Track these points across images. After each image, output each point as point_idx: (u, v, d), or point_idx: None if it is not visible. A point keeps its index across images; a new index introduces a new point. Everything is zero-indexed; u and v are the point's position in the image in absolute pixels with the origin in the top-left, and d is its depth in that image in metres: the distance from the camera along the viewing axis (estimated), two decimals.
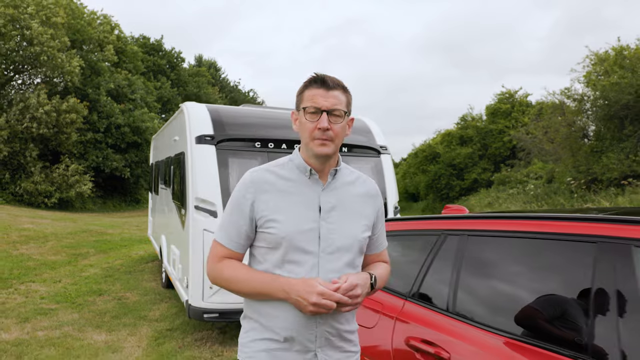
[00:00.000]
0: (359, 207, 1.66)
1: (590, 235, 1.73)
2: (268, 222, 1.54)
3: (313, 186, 1.59)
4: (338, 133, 1.54)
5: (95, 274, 7.93)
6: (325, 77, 1.56)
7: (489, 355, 1.84)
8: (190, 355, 4.37)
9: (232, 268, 1.57)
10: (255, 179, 1.59)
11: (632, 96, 14.84)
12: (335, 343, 1.58)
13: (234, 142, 4.88)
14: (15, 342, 4.61)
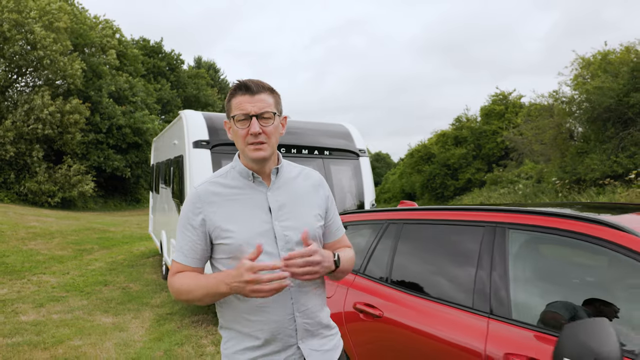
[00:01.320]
0: (307, 199, 1.68)
1: (480, 221, 2.35)
2: (223, 233, 1.54)
3: (259, 188, 1.61)
4: (271, 134, 1.56)
5: (100, 267, 8.53)
6: (249, 83, 1.57)
7: (411, 311, 2.44)
8: (188, 334, 4.98)
9: (180, 278, 1.56)
10: (201, 193, 1.59)
11: (613, 99, 15.44)
12: (315, 332, 1.62)
13: (227, 146, 5.48)
14: (34, 322, 5.23)
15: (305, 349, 1.59)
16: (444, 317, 2.26)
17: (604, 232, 1.86)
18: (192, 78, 36.72)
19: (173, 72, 35.67)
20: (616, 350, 1.29)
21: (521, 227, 2.18)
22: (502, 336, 1.99)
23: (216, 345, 4.65)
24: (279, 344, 1.56)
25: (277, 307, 1.55)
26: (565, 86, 19.59)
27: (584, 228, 1.93)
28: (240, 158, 1.65)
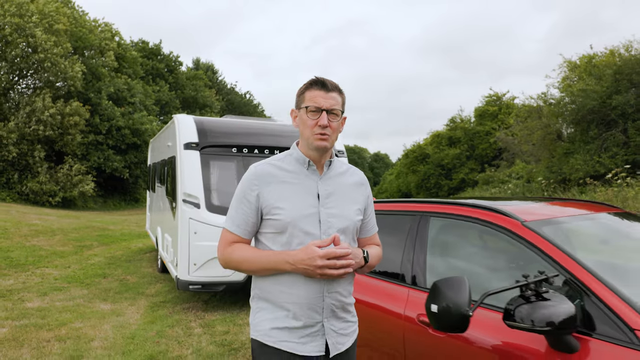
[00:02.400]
0: (351, 193, 1.85)
1: (411, 211, 2.86)
2: (274, 210, 1.72)
3: (311, 176, 1.79)
4: (335, 129, 1.75)
5: (100, 262, 9.04)
6: (325, 80, 1.77)
7: (357, 286, 2.95)
8: (178, 318, 5.49)
9: (241, 250, 1.75)
10: (259, 172, 1.77)
11: (596, 102, 15.93)
12: (339, 314, 1.77)
13: (215, 148, 6.00)
14: (38, 309, 5.74)
15: (327, 327, 1.74)
16: (381, 289, 2.77)
17: (492, 216, 2.37)
18: (191, 79, 37.22)
19: (171, 73, 36.17)
20: (465, 299, 1.79)
21: (440, 215, 2.69)
22: (417, 302, 2.50)
23: (203, 327, 5.17)
24: (306, 318, 1.71)
25: (311, 284, 1.70)
26: (553, 88, 20.15)
27: (480, 214, 2.45)
28: (298, 146, 1.82)
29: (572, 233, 2.33)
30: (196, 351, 4.41)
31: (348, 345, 1.81)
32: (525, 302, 1.81)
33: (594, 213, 2.63)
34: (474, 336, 2.15)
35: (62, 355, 4.26)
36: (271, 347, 1.72)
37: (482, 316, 2.14)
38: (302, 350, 1.71)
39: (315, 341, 1.73)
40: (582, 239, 2.32)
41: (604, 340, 1.79)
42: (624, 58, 16.93)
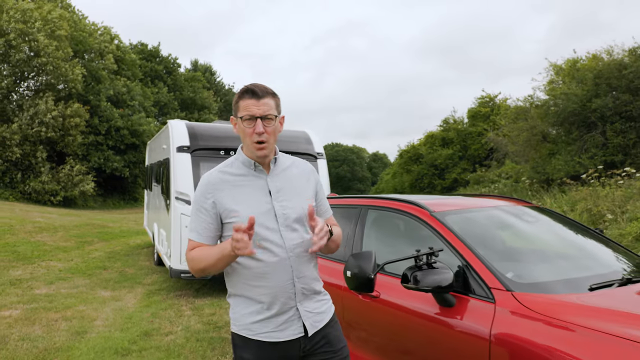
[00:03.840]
0: (299, 184, 1.98)
1: (355, 205, 3.53)
2: (231, 213, 1.82)
3: (260, 176, 1.90)
4: (271, 133, 1.84)
5: (100, 256, 9.69)
6: (255, 88, 1.83)
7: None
8: (171, 303, 6.15)
9: (198, 252, 1.83)
10: (211, 180, 1.88)
11: (577, 105, 16.59)
12: (310, 296, 1.91)
13: (204, 151, 6.66)
14: (46, 295, 6.40)
15: (302, 310, 1.86)
16: (328, 267, 3.43)
17: (410, 208, 3.03)
18: (189, 81, 37.86)
19: (170, 75, 36.81)
20: (370, 266, 2.44)
21: (375, 207, 3.35)
22: None
23: (193, 310, 5.82)
24: (280, 306, 1.83)
25: (279, 273, 1.81)
26: (539, 91, 20.78)
27: (400, 206, 3.11)
28: (243, 150, 1.94)
29: (468, 220, 2.99)
30: (185, 328, 5.07)
31: (325, 321, 1.95)
32: (418, 270, 2.46)
33: (492, 207, 3.29)
34: (386, 297, 2.82)
35: (69, 331, 4.92)
36: (253, 340, 1.84)
37: (391, 282, 2.80)
38: (282, 337, 1.84)
39: (293, 325, 1.85)
40: (473, 225, 2.98)
41: (473, 297, 2.45)
42: (604, 62, 17.59)
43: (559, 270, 2.74)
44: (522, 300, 2.26)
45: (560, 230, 3.32)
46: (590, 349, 1.91)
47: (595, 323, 2.01)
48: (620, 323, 2.00)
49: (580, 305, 2.20)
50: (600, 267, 2.79)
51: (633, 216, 10.11)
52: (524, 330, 2.14)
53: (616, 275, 2.63)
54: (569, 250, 3.10)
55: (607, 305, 2.19)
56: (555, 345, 2.00)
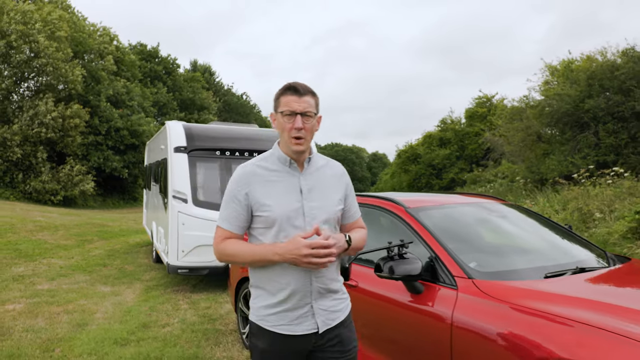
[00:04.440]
0: (331, 185, 2.01)
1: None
2: (262, 207, 1.87)
3: (293, 173, 1.94)
4: (309, 130, 1.89)
5: (100, 254, 9.94)
6: (297, 85, 1.90)
7: None
8: (169, 297, 6.39)
9: (233, 244, 1.89)
10: (246, 172, 1.93)
11: (570, 105, 16.83)
12: (326, 295, 1.95)
13: (201, 151, 6.90)
14: (48, 290, 6.64)
15: (316, 308, 1.92)
16: None
17: (387, 204, 3.28)
18: (188, 81, 38.10)
19: (169, 76, 37.05)
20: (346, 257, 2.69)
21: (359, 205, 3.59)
22: None
23: (189, 304, 6.07)
24: (295, 302, 1.89)
25: (298, 271, 1.86)
26: (535, 92, 21.03)
27: (381, 203, 3.36)
28: (279, 146, 1.98)
29: (440, 216, 3.24)
30: (181, 321, 5.32)
31: (339, 320, 1.99)
32: (390, 260, 2.70)
33: (465, 204, 3.54)
34: (364, 286, 3.07)
35: (71, 323, 5.16)
36: (268, 330, 1.91)
37: (368, 273, 3.05)
38: (296, 331, 1.90)
39: (307, 321, 1.91)
40: (445, 220, 3.22)
41: (440, 285, 2.69)
42: (598, 63, 17.82)
43: (520, 260, 2.98)
44: (480, 286, 2.51)
45: (528, 225, 3.57)
46: (531, 326, 2.16)
47: (539, 305, 2.26)
48: (561, 305, 2.25)
49: (530, 290, 2.44)
50: (560, 259, 3.04)
51: (620, 215, 10.35)
52: (479, 312, 2.38)
53: (572, 265, 2.88)
54: (533, 243, 3.35)
55: (554, 291, 2.44)
56: (502, 323, 2.26)
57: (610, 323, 2.04)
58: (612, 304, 2.26)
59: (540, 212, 14.98)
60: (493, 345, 2.25)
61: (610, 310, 2.18)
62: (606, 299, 2.34)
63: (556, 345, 2.05)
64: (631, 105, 15.40)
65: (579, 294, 2.40)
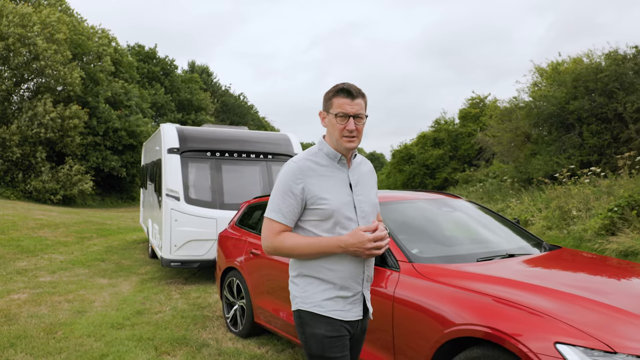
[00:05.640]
0: (369, 180, 2.18)
1: None
2: (319, 200, 1.95)
3: (342, 168, 2.05)
4: (360, 131, 2.00)
5: (99, 250, 10.40)
6: (350, 88, 1.97)
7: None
8: (162, 288, 6.86)
9: (292, 238, 1.96)
10: (302, 167, 1.99)
11: (555, 107, 17.34)
12: (369, 282, 2.11)
13: (193, 152, 7.38)
14: (50, 282, 7.11)
15: (366, 294, 2.08)
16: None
17: None
18: (186, 82, 38.55)
19: (167, 77, 37.51)
20: None
21: None
22: None
23: (181, 294, 6.54)
24: (350, 289, 2.01)
25: (355, 261, 2.00)
26: (523, 93, 21.56)
27: None
28: (327, 142, 2.07)
29: (396, 210, 3.71)
30: (173, 308, 5.79)
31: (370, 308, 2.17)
32: None
33: (420, 199, 4.02)
34: None
35: (71, 310, 5.64)
36: (323, 316, 1.98)
37: None
38: (347, 316, 2.02)
39: (356, 307, 2.04)
40: (399, 213, 3.69)
41: (387, 268, 3.17)
42: (583, 66, 18.32)
43: (459, 248, 3.47)
44: (418, 269, 2.99)
45: (475, 218, 4.05)
46: (451, 298, 2.64)
47: (461, 282, 2.74)
48: (479, 282, 2.73)
49: (458, 271, 2.93)
50: (495, 246, 3.52)
51: (596, 213, 10.84)
52: (413, 288, 2.87)
53: (504, 252, 3.36)
54: (475, 233, 3.83)
55: (478, 272, 2.92)
56: (430, 297, 2.74)
57: (513, 296, 2.52)
58: (521, 281, 2.74)
59: (524, 210, 15.52)
60: (422, 314, 2.73)
61: (518, 286, 2.66)
62: (518, 278, 2.82)
63: (471, 313, 2.53)
64: (614, 107, 15.90)
65: (498, 274, 2.88)
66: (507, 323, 2.35)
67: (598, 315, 2.34)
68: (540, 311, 2.35)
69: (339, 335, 1.99)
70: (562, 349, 2.15)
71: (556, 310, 2.35)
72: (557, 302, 2.45)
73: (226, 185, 7.27)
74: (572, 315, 2.31)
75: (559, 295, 2.53)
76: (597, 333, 2.18)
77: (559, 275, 3.00)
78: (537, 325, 2.29)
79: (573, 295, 2.52)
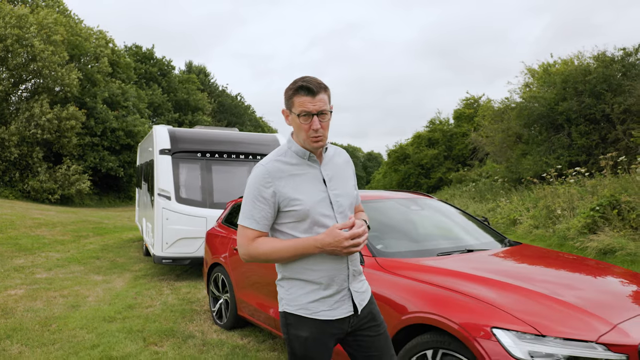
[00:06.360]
0: (345, 172, 2.10)
1: None
2: (292, 202, 1.89)
3: (313, 165, 1.98)
4: (326, 127, 1.92)
5: (95, 248, 10.66)
6: (310, 85, 1.86)
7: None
8: (154, 284, 7.13)
9: (267, 243, 1.91)
10: (270, 170, 1.92)
11: (545, 108, 17.63)
12: (356, 277, 2.05)
13: (183, 153, 7.65)
14: (46, 278, 7.38)
15: (352, 290, 2.01)
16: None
17: None
18: (183, 83, 38.78)
19: (164, 77, 37.74)
20: None
21: None
22: None
23: (172, 290, 6.80)
24: (336, 287, 1.96)
25: (336, 258, 1.93)
26: (515, 94, 21.82)
27: None
28: (295, 140, 1.99)
29: (367, 208, 3.97)
30: (163, 303, 6.06)
31: (367, 299, 2.11)
32: None
33: (392, 198, 4.29)
34: None
35: (65, 305, 5.90)
36: (309, 319, 1.96)
37: None
38: (335, 315, 1.98)
39: (345, 304, 1.99)
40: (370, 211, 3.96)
41: None
42: (573, 67, 18.61)
43: (422, 243, 3.74)
44: (379, 262, 3.26)
45: (444, 217, 4.32)
46: (406, 289, 2.92)
47: (417, 275, 3.02)
48: (433, 274, 3.01)
49: (416, 265, 3.20)
50: (457, 242, 3.80)
51: (580, 212, 11.12)
52: (375, 280, 3.14)
53: (464, 247, 3.63)
54: (441, 230, 4.10)
55: (435, 265, 3.20)
56: (388, 288, 3.01)
57: (462, 287, 2.80)
58: (471, 274, 3.01)
59: (513, 210, 15.81)
60: (382, 303, 3.00)
61: (467, 278, 2.93)
62: (470, 271, 3.10)
63: (422, 302, 2.80)
64: (601, 108, 16.19)
65: (452, 267, 3.16)
66: (452, 311, 2.63)
67: (533, 304, 2.61)
68: (483, 300, 2.63)
69: (323, 338, 1.98)
70: (497, 333, 2.42)
71: (497, 299, 2.63)
72: (500, 292, 2.73)
73: (216, 185, 7.54)
74: (510, 304, 2.59)
75: (502, 285, 2.81)
76: (530, 319, 2.46)
77: (509, 269, 3.28)
78: (478, 313, 2.57)
79: (515, 286, 2.80)
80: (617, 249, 8.58)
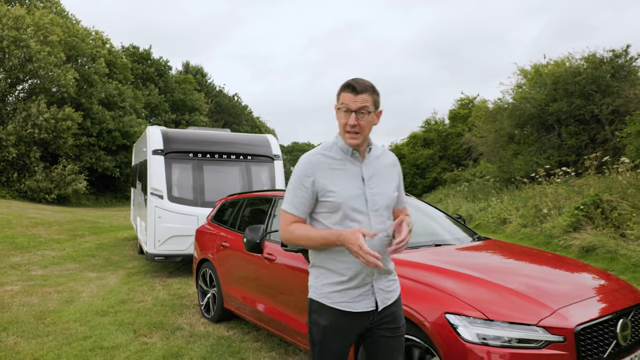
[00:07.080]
0: (388, 174, 2.18)
1: (270, 196, 4.75)
2: (327, 193, 2.01)
3: (355, 162, 2.09)
4: (364, 126, 2.01)
5: (90, 246, 10.88)
6: (355, 84, 2.00)
7: (229, 236, 4.82)
8: (147, 281, 7.35)
9: (301, 228, 2.04)
10: (312, 161, 2.06)
11: (535, 108, 17.89)
12: (384, 275, 2.12)
13: (176, 153, 7.87)
14: (42, 275, 7.59)
15: (376, 287, 2.07)
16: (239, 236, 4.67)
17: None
18: (180, 83, 38.95)
19: (161, 77, 37.90)
20: (259, 235, 3.66)
21: (280, 197, 4.58)
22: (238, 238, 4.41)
23: (163, 286, 7.03)
24: (359, 281, 2.04)
25: None
26: (508, 95, 22.09)
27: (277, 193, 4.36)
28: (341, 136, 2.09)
29: None
30: (154, 298, 6.29)
31: (393, 299, 2.16)
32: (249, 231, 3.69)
33: None
34: (280, 260, 4.06)
35: (60, 300, 6.12)
36: (330, 307, 2.05)
37: (279, 248, 4.02)
38: (356, 308, 2.05)
39: (367, 299, 2.06)
40: None
41: None
42: (563, 69, 18.87)
43: None
44: None
45: (418, 213, 4.55)
46: None
47: None
48: (400, 266, 3.23)
49: None
50: (428, 237, 4.03)
51: (566, 211, 11.37)
52: None
53: (432, 241, 3.87)
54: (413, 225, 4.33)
55: (402, 258, 3.43)
56: None
57: (423, 277, 3.03)
58: (433, 265, 3.25)
59: (504, 209, 16.05)
60: None
61: (429, 269, 3.17)
62: (433, 263, 3.33)
63: None
64: (591, 108, 16.46)
65: (417, 260, 3.39)
66: (412, 299, 2.86)
67: (485, 292, 2.85)
68: (441, 289, 2.87)
69: (341, 329, 2.06)
70: (450, 318, 2.66)
71: (453, 288, 2.87)
72: (457, 282, 2.97)
73: (207, 184, 7.76)
74: (465, 292, 2.83)
75: (460, 276, 3.04)
76: (481, 305, 2.69)
77: (471, 261, 3.51)
78: (435, 300, 2.80)
79: (471, 276, 3.04)
80: (598, 246, 8.81)
